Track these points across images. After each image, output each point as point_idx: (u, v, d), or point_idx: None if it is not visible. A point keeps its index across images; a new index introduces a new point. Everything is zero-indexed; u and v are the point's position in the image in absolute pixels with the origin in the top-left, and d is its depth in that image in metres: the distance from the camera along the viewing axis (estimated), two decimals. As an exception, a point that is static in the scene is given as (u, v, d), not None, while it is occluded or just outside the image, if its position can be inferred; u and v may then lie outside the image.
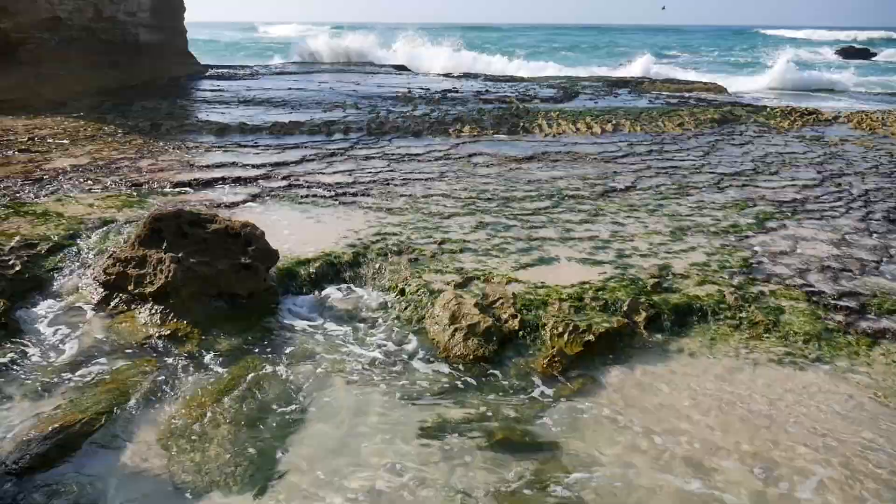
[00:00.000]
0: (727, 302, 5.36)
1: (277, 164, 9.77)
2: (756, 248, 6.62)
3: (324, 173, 9.40)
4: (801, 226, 7.44)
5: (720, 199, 8.52)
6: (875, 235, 7.16)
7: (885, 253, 6.61)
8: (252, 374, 4.44)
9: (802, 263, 6.25)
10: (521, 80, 25.71)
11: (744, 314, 5.23)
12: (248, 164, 9.66)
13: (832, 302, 5.44)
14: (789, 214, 7.86)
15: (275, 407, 4.13)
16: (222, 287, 5.24)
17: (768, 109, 17.31)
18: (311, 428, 3.95)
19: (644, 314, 5.12)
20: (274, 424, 3.96)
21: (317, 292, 5.67)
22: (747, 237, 6.97)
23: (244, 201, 7.85)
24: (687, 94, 21.44)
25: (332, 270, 5.94)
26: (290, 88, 19.98)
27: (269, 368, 4.54)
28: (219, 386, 4.28)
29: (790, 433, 3.90)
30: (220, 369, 4.52)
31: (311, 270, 5.84)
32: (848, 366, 4.62)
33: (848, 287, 5.74)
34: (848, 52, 46.83)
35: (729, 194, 8.76)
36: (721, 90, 23.18)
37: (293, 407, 4.14)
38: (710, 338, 4.97)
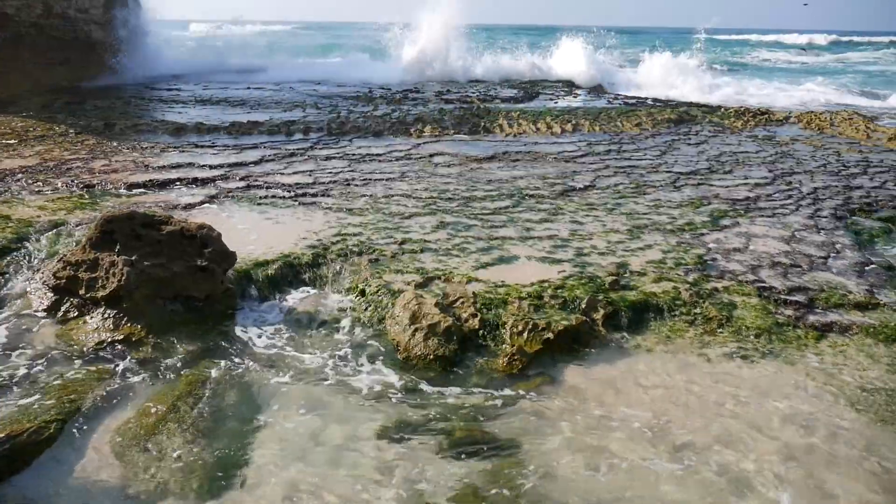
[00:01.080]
0: (682, 298, 5.47)
1: (235, 165, 9.62)
2: (710, 246, 6.78)
3: (283, 174, 9.29)
4: (753, 223, 7.64)
5: (676, 197, 8.69)
6: (823, 232, 7.40)
7: (832, 249, 6.83)
8: (209, 380, 4.37)
9: (754, 260, 6.42)
10: (483, 80, 25.78)
11: (698, 310, 5.35)
12: (205, 165, 9.48)
13: (782, 297, 5.60)
14: (742, 212, 8.06)
15: (232, 413, 4.07)
16: (178, 290, 5.14)
17: (722, 110, 17.73)
18: (269, 433, 3.90)
19: (602, 312, 5.20)
20: (232, 431, 3.90)
21: (276, 294, 5.61)
22: (702, 235, 7.13)
23: (201, 202, 7.71)
24: (644, 95, 21.81)
25: (292, 272, 5.87)
26: (248, 87, 19.69)
27: (226, 373, 4.47)
28: (174, 392, 4.19)
29: (744, 425, 4.00)
30: (175, 375, 4.43)
31: (269, 272, 5.77)
32: (797, 358, 4.77)
33: (797, 282, 5.91)
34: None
35: (685, 193, 8.94)
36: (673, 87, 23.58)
37: (251, 412, 4.09)
38: (665, 334, 5.07)
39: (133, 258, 5.09)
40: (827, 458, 3.71)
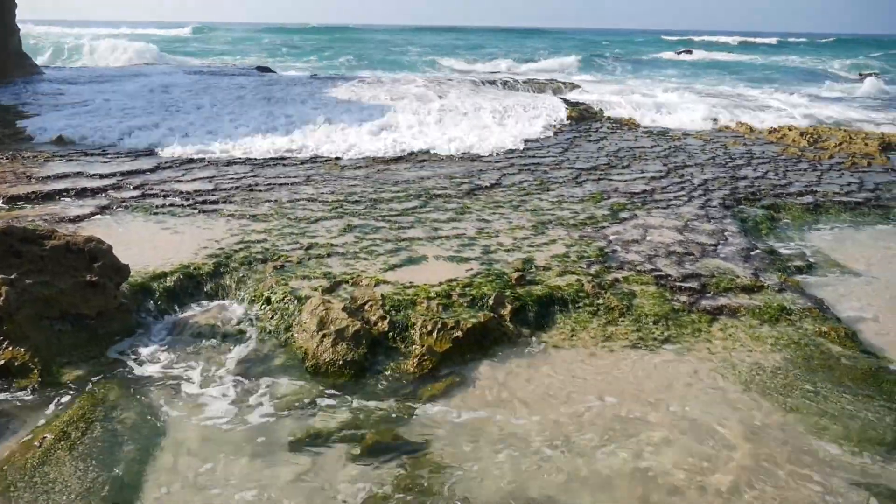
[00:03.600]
0: (586, 290, 5.65)
1: (129, 173, 9.15)
2: (611, 238, 7.04)
3: (182, 181, 8.91)
4: (650, 215, 7.99)
5: (578, 192, 8.97)
6: (713, 221, 7.84)
7: (721, 236, 7.25)
8: (103, 403, 4.12)
9: (651, 250, 6.72)
10: (381, 81, 25.67)
11: (601, 301, 5.53)
12: (95, 174, 8.96)
13: (677, 284, 5.88)
14: (640, 205, 8.43)
15: (130, 437, 3.85)
16: (65, 308, 4.82)
17: (621, 105, 18.44)
18: (171, 455, 3.72)
19: (509, 307, 5.29)
20: (129, 456, 3.69)
21: (175, 307, 5.36)
22: (603, 228, 7.39)
23: (91, 214, 7.27)
24: (549, 93, 22.39)
25: (192, 283, 5.64)
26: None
27: (122, 394, 4.23)
28: (64, 418, 3.92)
29: (645, 411, 4.17)
30: (65, 400, 4.15)
31: (168, 284, 5.51)
32: (692, 343, 5.02)
33: (691, 269, 6.23)
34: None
35: (586, 188, 9.25)
36: (575, 87, 24.37)
37: (151, 435, 3.88)
38: (570, 326, 5.22)
39: (13, 276, 4.73)
40: (721, 437, 3.93)
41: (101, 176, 8.87)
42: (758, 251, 6.87)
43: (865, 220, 8.45)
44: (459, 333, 4.82)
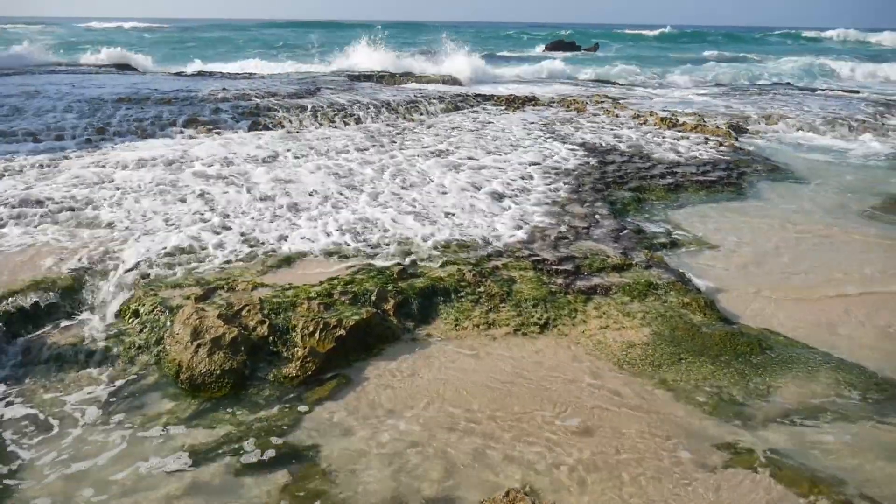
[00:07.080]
0: (467, 279, 5.73)
1: None
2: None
3: (32, 188, 8.15)
4: (527, 201, 8.23)
5: (457, 183, 9.07)
6: (585, 204, 8.20)
7: (592, 219, 7.60)
8: (-56, 439, 3.70)
9: (529, 236, 6.92)
10: (262, 77, 24.84)
11: (482, 289, 5.63)
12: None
13: (554, 267, 6.10)
14: (518, 192, 8.65)
15: (-22, 473, 3.49)
16: None
17: (496, 97, 18.89)
18: (31, 490, 3.41)
19: (393, 301, 5.27)
20: (-22, 494, 3.35)
21: (28, 328, 4.91)
22: (483, 217, 7.52)
23: (-78, 231, 6.51)
24: (426, 85, 22.51)
25: (47, 301, 5.18)
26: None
27: (-33, 428, 3.82)
28: None
29: (527, 395, 4.29)
30: None
31: (17, 303, 5.03)
32: (569, 322, 5.23)
33: (566, 252, 6.48)
34: (555, 46, 52.87)
35: (465, 177, 9.37)
36: (456, 81, 24.69)
37: (6, 478, 3.53)
38: (454, 316, 5.28)
39: None
40: (594, 414, 4.13)
41: (-66, 187, 7.94)
42: (626, 231, 7.26)
43: (720, 196, 9.14)
44: (343, 332, 4.74)
